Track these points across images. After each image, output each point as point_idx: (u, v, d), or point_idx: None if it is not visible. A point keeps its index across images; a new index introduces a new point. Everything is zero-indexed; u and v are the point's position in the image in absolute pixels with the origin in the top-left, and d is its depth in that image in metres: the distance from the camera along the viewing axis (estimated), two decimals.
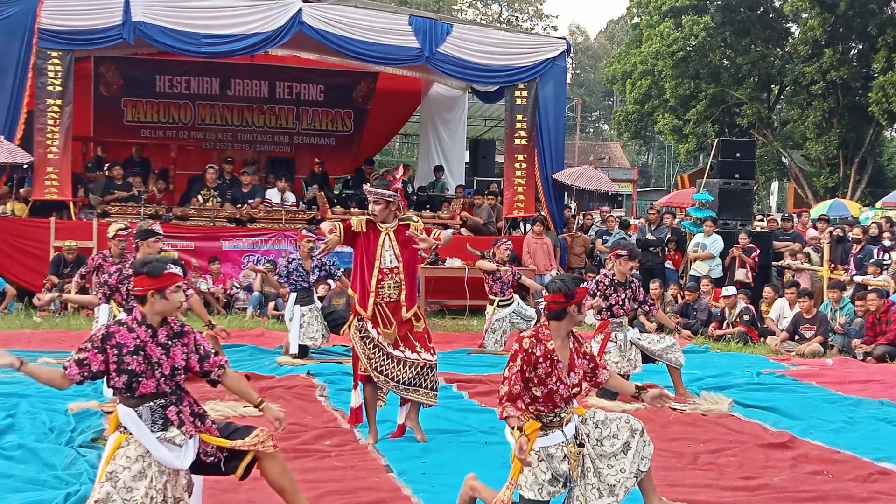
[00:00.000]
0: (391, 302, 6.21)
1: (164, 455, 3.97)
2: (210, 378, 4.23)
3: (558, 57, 15.06)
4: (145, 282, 4.06)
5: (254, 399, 4.38)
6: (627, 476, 4.46)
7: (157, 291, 4.06)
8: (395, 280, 6.22)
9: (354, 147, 18.67)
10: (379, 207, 6.23)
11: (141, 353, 4.00)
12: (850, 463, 6.08)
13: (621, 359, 7.84)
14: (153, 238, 7.37)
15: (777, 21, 32.20)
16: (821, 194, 30.13)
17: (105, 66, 16.77)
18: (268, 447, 4.16)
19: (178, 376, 4.08)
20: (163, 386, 4.02)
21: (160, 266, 4.09)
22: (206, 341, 4.29)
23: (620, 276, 7.95)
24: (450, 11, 48.15)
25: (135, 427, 3.98)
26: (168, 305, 4.09)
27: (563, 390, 4.39)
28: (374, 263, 6.19)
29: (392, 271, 6.20)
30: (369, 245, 6.22)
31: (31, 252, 13.03)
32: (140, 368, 3.99)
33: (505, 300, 10.61)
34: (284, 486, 4.29)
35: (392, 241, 6.24)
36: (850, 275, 13.00)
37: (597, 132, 69.33)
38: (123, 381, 3.99)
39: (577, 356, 4.52)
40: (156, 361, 4.02)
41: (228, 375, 4.28)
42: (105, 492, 3.88)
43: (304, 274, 9.63)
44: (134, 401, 4.01)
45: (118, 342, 3.99)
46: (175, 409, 4.06)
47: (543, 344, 4.38)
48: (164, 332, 4.09)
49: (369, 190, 6.30)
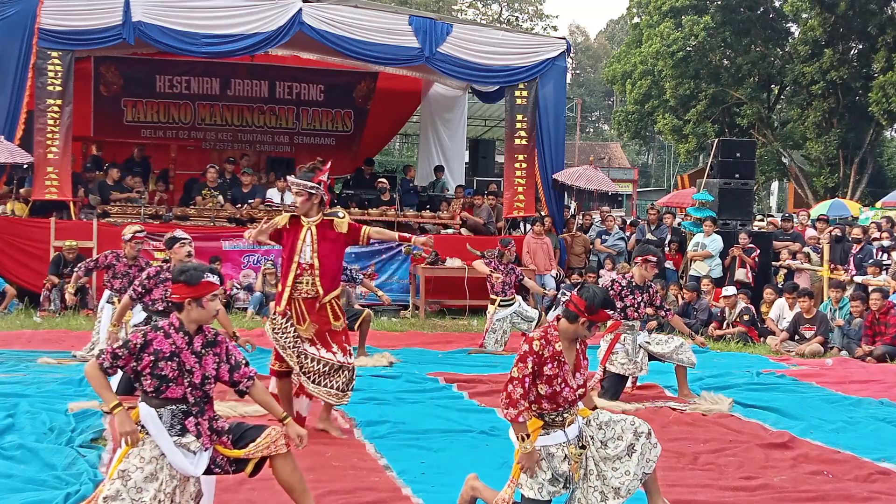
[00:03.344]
0: (307, 298, 6.15)
1: (178, 460, 4.00)
2: (238, 388, 4.28)
3: (558, 57, 15.05)
4: (183, 290, 4.12)
5: (279, 414, 4.40)
6: (633, 478, 4.46)
7: (194, 300, 4.12)
8: (313, 275, 6.16)
9: (354, 147, 18.67)
10: (301, 199, 6.19)
11: (175, 360, 4.06)
12: (850, 463, 6.08)
13: (628, 361, 7.81)
14: (178, 244, 7.35)
15: (777, 21, 32.21)
16: (821, 194, 30.13)
17: (105, 66, 16.77)
18: (280, 447, 4.19)
19: (208, 385, 4.13)
20: (189, 395, 4.07)
21: (198, 275, 4.15)
22: (238, 351, 4.34)
23: (639, 280, 7.93)
24: (450, 11, 48.13)
25: (154, 427, 4.01)
26: (204, 314, 4.15)
27: (567, 392, 4.38)
28: (293, 258, 6.15)
29: (311, 266, 6.14)
30: (291, 240, 6.19)
31: (31, 252, 13.03)
32: (173, 374, 4.05)
33: (506, 300, 10.60)
34: (294, 485, 4.32)
35: (313, 236, 6.18)
36: (850, 275, 12.99)
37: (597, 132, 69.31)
38: (154, 384, 4.04)
39: (583, 357, 4.53)
40: (188, 369, 4.07)
41: (257, 387, 4.33)
42: (115, 489, 3.90)
43: None
44: (157, 402, 4.05)
45: (155, 349, 4.04)
46: (194, 419, 4.09)
47: (552, 345, 4.38)
48: (199, 341, 4.15)
49: (292, 181, 6.26)
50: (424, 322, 13.05)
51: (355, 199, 15.11)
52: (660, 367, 8.34)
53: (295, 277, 6.16)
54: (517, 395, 4.29)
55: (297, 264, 6.16)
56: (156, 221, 13.40)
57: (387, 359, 9.53)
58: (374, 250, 14.03)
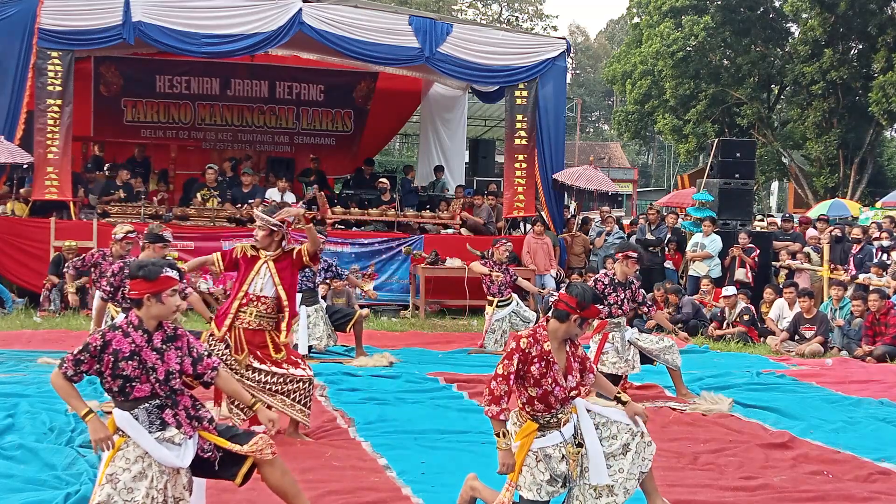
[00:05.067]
0: (249, 329, 6.11)
1: (163, 455, 3.96)
2: (203, 380, 4.23)
3: (558, 57, 15.04)
4: (141, 285, 4.04)
5: (247, 400, 4.38)
6: (627, 476, 4.45)
7: (153, 295, 4.04)
8: (260, 309, 6.12)
9: (354, 147, 18.67)
10: (262, 234, 6.20)
11: (136, 359, 3.98)
12: (850, 463, 6.09)
13: (619, 359, 7.81)
14: (160, 244, 7.34)
15: (777, 21, 32.19)
16: (821, 194, 30.12)
17: (105, 66, 16.77)
18: (266, 455, 4.15)
19: (173, 380, 4.06)
20: (157, 390, 4.02)
21: (156, 269, 4.06)
22: (200, 344, 4.29)
23: (621, 276, 7.91)
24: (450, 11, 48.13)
25: (132, 430, 3.97)
26: (164, 309, 4.07)
27: (558, 392, 4.38)
28: (243, 287, 6.14)
29: (259, 299, 6.11)
30: (245, 269, 6.18)
31: (31, 252, 13.03)
32: (134, 373, 3.98)
33: (503, 300, 10.60)
34: (286, 489, 4.29)
35: (271, 270, 6.16)
36: (850, 275, 12.99)
37: (597, 132, 69.31)
38: (118, 385, 3.98)
39: (574, 359, 4.51)
40: (150, 366, 4.00)
41: (221, 377, 4.29)
42: (106, 494, 3.88)
43: (310, 275, 9.64)
44: (129, 404, 4.00)
45: (114, 349, 3.97)
46: (171, 411, 4.05)
47: (540, 344, 4.38)
48: (159, 337, 4.07)
49: (257, 214, 6.29)
50: (424, 322, 13.05)
51: (355, 200, 15.10)
52: (660, 367, 8.34)
53: (240, 306, 6.13)
54: (500, 391, 4.28)
55: (245, 293, 6.14)
56: (156, 221, 13.39)
57: (387, 359, 9.53)
58: (374, 250, 14.03)
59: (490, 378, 4.35)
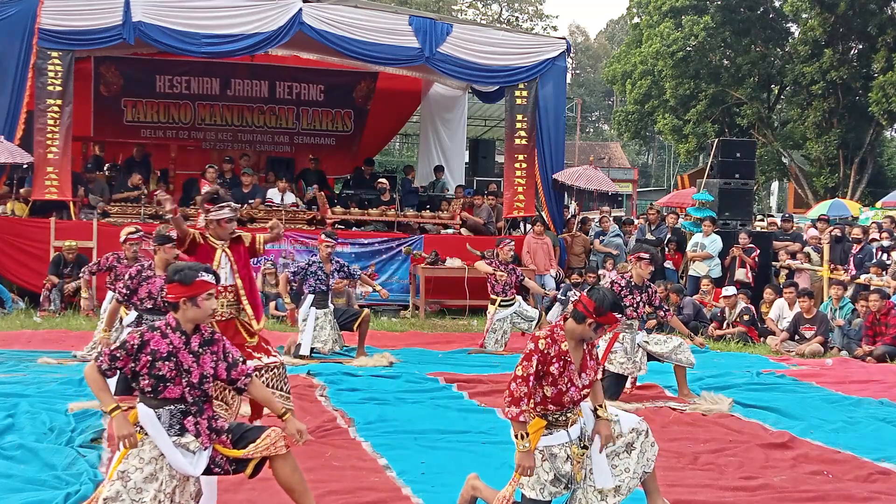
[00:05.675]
0: (221, 320, 6.04)
1: (177, 460, 3.99)
2: (237, 386, 4.27)
3: (558, 57, 15.04)
4: (178, 289, 4.12)
5: (278, 410, 4.40)
6: (632, 476, 4.46)
7: (188, 299, 4.11)
8: (229, 298, 6.08)
9: (354, 147, 18.66)
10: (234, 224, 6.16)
11: (173, 360, 4.05)
12: (850, 463, 6.09)
13: (627, 360, 7.80)
14: (170, 244, 7.34)
15: (777, 21, 32.20)
16: (821, 194, 30.13)
17: (105, 66, 16.76)
18: (280, 448, 4.18)
19: (206, 384, 4.12)
20: (187, 394, 4.07)
21: (192, 274, 4.15)
22: (235, 349, 4.34)
23: (638, 279, 7.93)
24: (450, 11, 48.14)
25: (153, 428, 4.01)
26: (200, 313, 4.15)
27: (573, 392, 4.37)
28: None
29: (226, 289, 6.04)
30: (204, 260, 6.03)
31: (31, 252, 13.02)
32: (170, 374, 4.04)
33: (507, 300, 10.59)
34: (294, 486, 4.31)
35: (229, 258, 6.11)
36: (850, 275, 13.00)
37: (597, 132, 69.31)
38: (152, 384, 4.03)
39: (589, 358, 4.51)
40: (186, 369, 4.07)
41: (255, 384, 4.34)
42: (115, 490, 3.90)
43: (323, 277, 9.63)
44: (156, 402, 4.05)
45: (153, 349, 4.03)
46: (193, 419, 4.08)
47: (558, 345, 4.37)
48: (196, 340, 4.14)
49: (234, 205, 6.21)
50: (424, 322, 13.05)
51: (355, 200, 15.09)
52: (660, 367, 8.34)
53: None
54: (520, 393, 4.26)
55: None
56: (156, 221, 13.38)
57: (387, 359, 9.53)
58: (374, 250, 14.04)
59: (510, 380, 4.34)
